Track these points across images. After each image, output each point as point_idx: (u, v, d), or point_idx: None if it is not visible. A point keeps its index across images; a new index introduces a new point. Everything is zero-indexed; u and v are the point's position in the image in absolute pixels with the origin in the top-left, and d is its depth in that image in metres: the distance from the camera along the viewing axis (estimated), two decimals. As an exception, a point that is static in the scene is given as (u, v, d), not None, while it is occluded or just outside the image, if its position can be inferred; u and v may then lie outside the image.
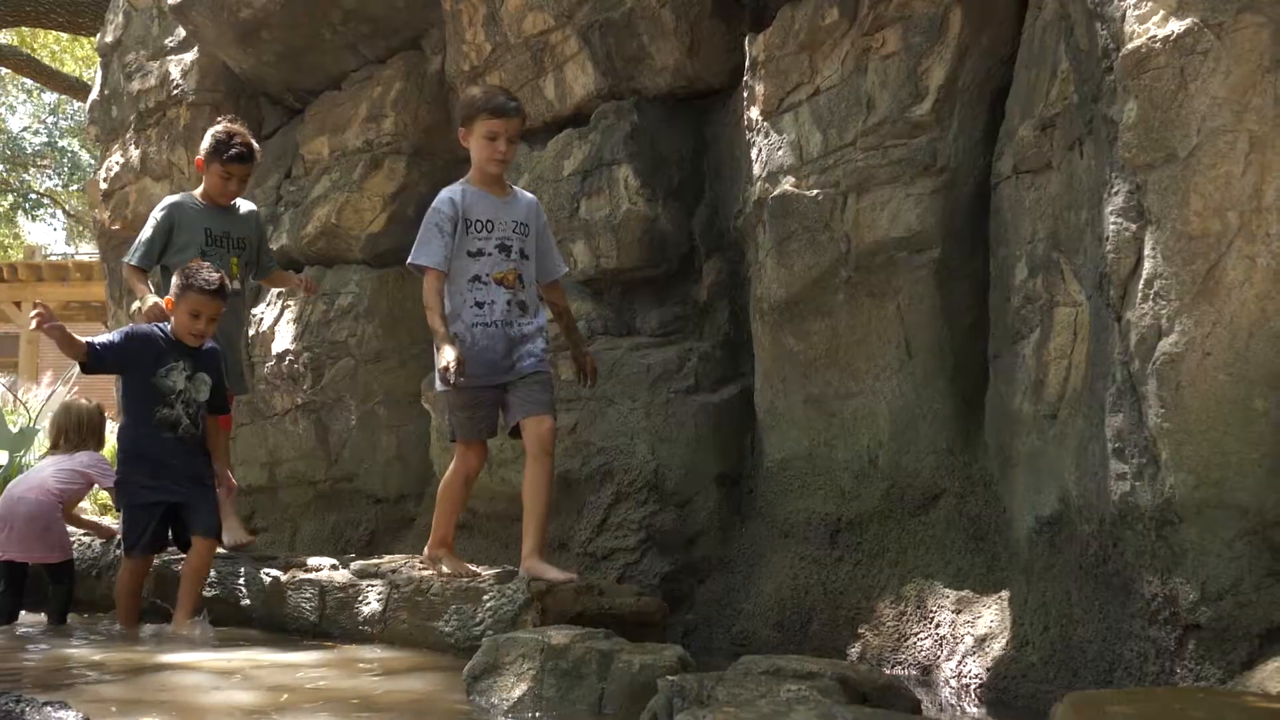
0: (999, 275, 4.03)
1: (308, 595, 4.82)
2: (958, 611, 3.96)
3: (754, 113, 4.81)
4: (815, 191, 4.47)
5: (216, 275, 4.93)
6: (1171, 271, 2.89)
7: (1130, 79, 2.99)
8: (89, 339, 4.92)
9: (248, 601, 4.99)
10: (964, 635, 3.88)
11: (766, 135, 4.72)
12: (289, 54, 7.05)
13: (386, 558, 5.07)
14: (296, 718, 3.28)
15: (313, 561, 5.06)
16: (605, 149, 5.42)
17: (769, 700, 2.61)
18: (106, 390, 9.71)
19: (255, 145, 5.74)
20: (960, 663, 3.82)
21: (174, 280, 4.98)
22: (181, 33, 7.80)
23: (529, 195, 4.75)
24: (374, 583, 4.71)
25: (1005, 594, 3.82)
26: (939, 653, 3.94)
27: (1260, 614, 2.78)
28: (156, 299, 5.19)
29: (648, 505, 4.97)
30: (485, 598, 4.31)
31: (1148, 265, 2.94)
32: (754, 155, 4.80)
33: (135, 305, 6.52)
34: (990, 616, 3.84)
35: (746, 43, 4.92)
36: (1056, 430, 3.52)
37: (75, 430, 5.63)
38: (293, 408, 6.79)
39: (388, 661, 4.22)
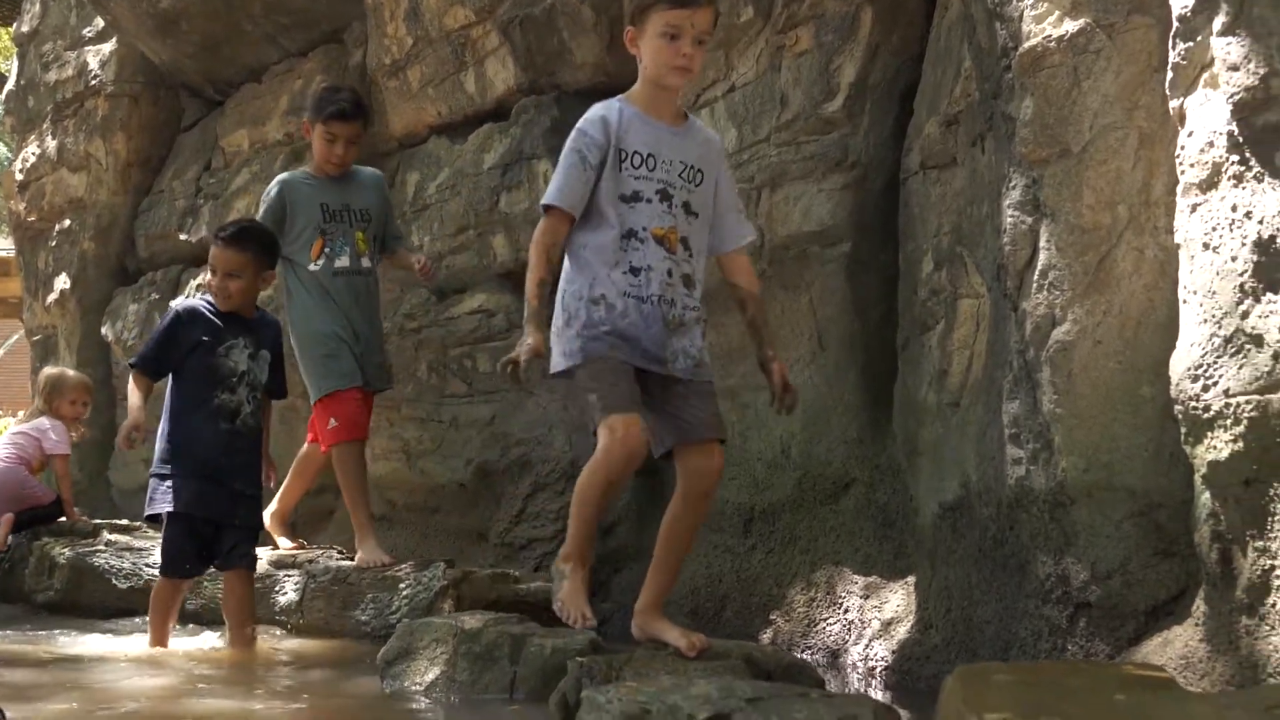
0: (907, 269, 4.13)
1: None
2: (866, 597, 4.05)
3: (671, 108, 4.87)
4: (730, 186, 4.54)
5: (235, 225, 4.39)
6: (1065, 263, 3.00)
7: (1027, 77, 3.09)
8: (133, 359, 4.35)
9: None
10: (871, 620, 3.97)
11: (683, 130, 4.78)
12: (208, 45, 7.02)
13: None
14: (209, 701, 3.30)
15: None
16: (525, 143, 5.46)
17: (674, 677, 2.67)
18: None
19: (364, 103, 5.15)
20: (867, 646, 3.91)
21: None
22: (100, 23, 7.74)
23: (710, 131, 3.60)
24: (291, 573, 4.72)
25: (911, 579, 3.91)
26: (847, 637, 4.03)
27: (1146, 592, 2.89)
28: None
29: (565, 495, 5.01)
30: (402, 586, 4.35)
31: (1043, 256, 3.04)
32: (671, 150, 4.85)
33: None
34: (896, 601, 3.94)
35: (664, 39, 4.98)
36: (959, 418, 3.62)
37: (39, 395, 6.22)
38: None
39: (303, 648, 4.25)
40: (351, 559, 4.87)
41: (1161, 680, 2.17)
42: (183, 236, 7.21)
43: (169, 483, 4.15)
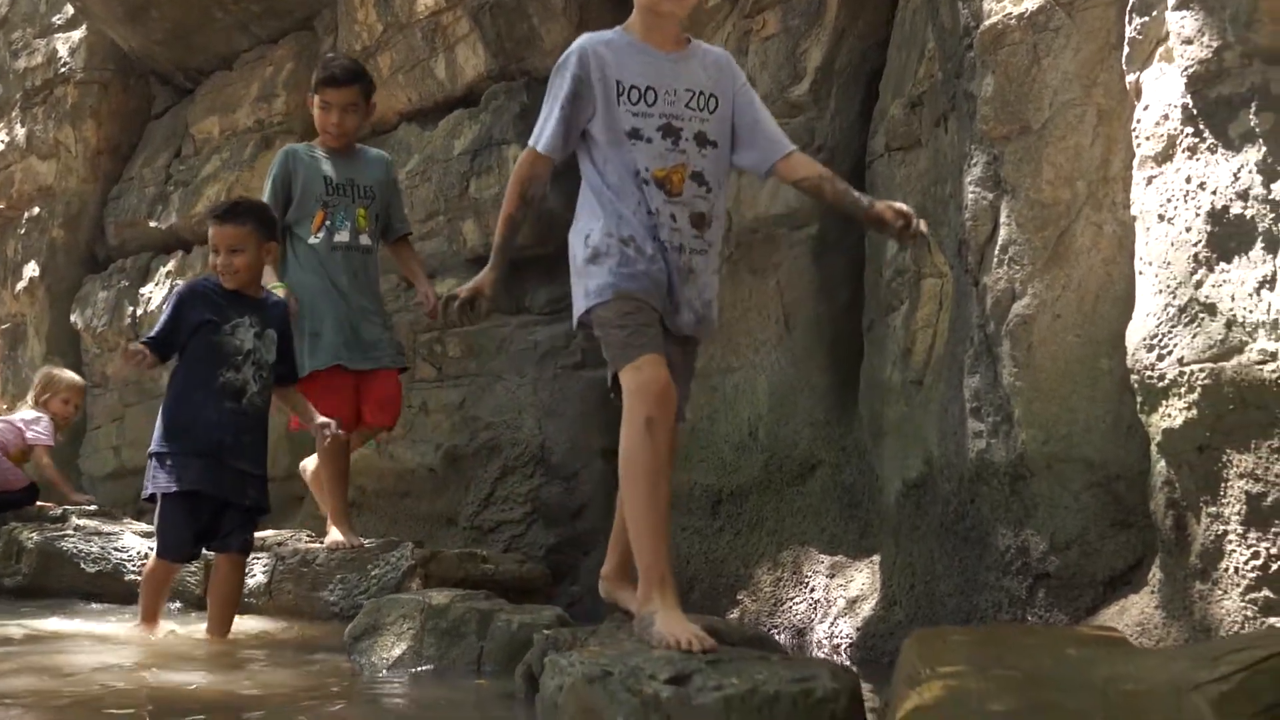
0: (873, 250, 4.17)
1: (191, 569, 4.82)
2: (831, 576, 4.09)
3: (640, 93, 4.89)
4: (698, 169, 4.56)
5: (228, 203, 4.32)
6: (1025, 238, 3.03)
7: (988, 54, 3.12)
8: (143, 339, 4.17)
9: (133, 577, 4.97)
10: (836, 598, 4.00)
11: (652, 115, 4.80)
12: (179, 32, 7.01)
13: (271, 532, 5.08)
14: (176, 677, 3.30)
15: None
16: (495, 129, 5.48)
17: (636, 643, 2.69)
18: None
19: (361, 70, 5.03)
20: (832, 624, 3.95)
21: None
22: (69, 10, 7.72)
23: (717, 51, 3.25)
24: (260, 555, 4.72)
25: (876, 557, 3.95)
26: (813, 615, 4.06)
27: (1104, 562, 2.93)
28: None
29: (534, 479, 5.04)
30: (370, 566, 4.36)
31: (1003, 232, 3.08)
32: (640, 135, 4.87)
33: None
34: (861, 579, 3.97)
35: (634, 25, 5.00)
36: (922, 396, 3.66)
37: (33, 390, 6.43)
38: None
39: (271, 629, 4.25)
40: (320, 542, 4.88)
41: (1114, 638, 2.21)
42: (153, 224, 7.20)
43: (169, 461, 4.03)
